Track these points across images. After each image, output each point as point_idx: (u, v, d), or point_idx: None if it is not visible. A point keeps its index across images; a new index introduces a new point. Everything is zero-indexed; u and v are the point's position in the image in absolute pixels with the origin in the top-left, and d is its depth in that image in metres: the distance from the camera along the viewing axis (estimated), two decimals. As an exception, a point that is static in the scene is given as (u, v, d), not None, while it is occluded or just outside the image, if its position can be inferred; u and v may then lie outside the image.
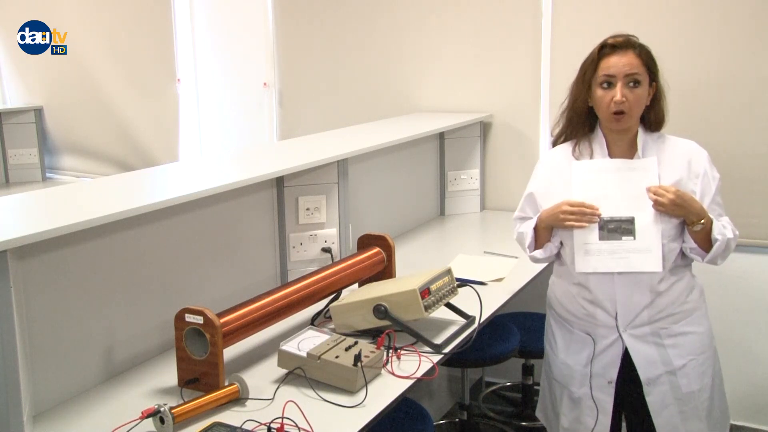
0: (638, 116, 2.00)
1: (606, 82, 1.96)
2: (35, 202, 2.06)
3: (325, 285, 2.21)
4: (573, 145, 2.10)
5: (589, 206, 1.96)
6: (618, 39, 1.98)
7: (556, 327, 2.19)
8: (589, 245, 1.97)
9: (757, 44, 2.97)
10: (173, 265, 2.11)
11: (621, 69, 1.94)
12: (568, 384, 2.13)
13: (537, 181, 2.16)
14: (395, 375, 1.87)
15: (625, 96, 1.94)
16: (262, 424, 1.61)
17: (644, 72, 1.95)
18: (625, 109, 1.94)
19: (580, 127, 2.08)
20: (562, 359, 2.15)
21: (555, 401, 2.21)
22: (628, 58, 1.95)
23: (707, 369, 2.06)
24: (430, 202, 3.57)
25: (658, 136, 2.05)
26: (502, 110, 3.59)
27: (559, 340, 2.17)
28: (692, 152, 2.02)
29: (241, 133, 4.48)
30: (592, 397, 2.07)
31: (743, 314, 3.13)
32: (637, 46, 1.97)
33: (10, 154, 4.99)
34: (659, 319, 2.01)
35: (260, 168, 2.35)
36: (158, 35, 4.53)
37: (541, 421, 2.33)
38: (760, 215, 3.04)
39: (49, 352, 1.76)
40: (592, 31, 2.22)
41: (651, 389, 2.04)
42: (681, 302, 2.02)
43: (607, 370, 2.06)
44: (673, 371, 2.02)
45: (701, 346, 2.05)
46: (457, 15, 3.63)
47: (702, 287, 2.11)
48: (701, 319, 2.07)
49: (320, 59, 4.06)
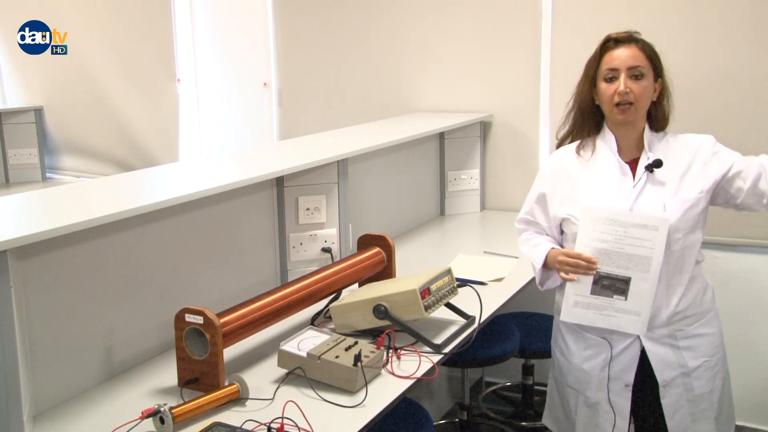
0: (644, 110, 1.98)
1: (610, 76, 1.96)
2: (35, 202, 2.06)
3: (325, 285, 2.21)
4: (578, 145, 2.09)
5: (586, 259, 1.93)
6: (621, 34, 1.99)
7: (567, 333, 2.13)
8: (579, 297, 1.96)
9: (758, 42, 2.97)
10: (173, 265, 2.11)
11: (624, 61, 1.94)
12: (584, 390, 2.09)
13: (544, 181, 2.14)
14: (395, 375, 1.86)
15: (629, 87, 1.93)
16: (262, 424, 1.61)
17: (648, 65, 1.95)
18: (631, 99, 1.94)
19: (585, 126, 2.07)
20: (576, 365, 2.10)
21: (568, 408, 2.17)
22: (632, 51, 1.95)
23: (718, 371, 2.05)
24: (430, 202, 3.57)
25: (663, 135, 2.04)
26: (502, 110, 3.59)
27: (571, 345, 2.12)
28: (698, 141, 2.01)
29: (241, 133, 4.48)
30: (610, 401, 2.05)
31: (744, 314, 3.13)
32: (640, 41, 1.98)
33: (10, 154, 4.99)
34: (676, 321, 2.00)
35: (260, 168, 2.35)
36: (158, 35, 4.53)
37: (551, 428, 2.29)
38: (760, 215, 3.03)
39: (49, 352, 1.76)
40: (592, 31, 2.21)
41: (666, 391, 2.02)
42: (698, 303, 2.01)
43: (624, 373, 2.03)
44: (688, 373, 2.01)
45: (714, 347, 2.04)
46: (457, 15, 3.63)
47: (713, 288, 2.09)
48: (714, 320, 2.06)
49: (320, 59, 4.06)
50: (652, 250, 1.88)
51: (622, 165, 2.01)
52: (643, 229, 1.89)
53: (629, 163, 2.02)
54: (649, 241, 1.88)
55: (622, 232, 1.90)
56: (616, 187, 2.00)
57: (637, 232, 1.90)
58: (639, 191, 1.98)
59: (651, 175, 1.97)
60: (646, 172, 1.97)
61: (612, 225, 1.91)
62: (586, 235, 1.94)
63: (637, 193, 1.97)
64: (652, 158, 1.98)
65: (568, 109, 2.11)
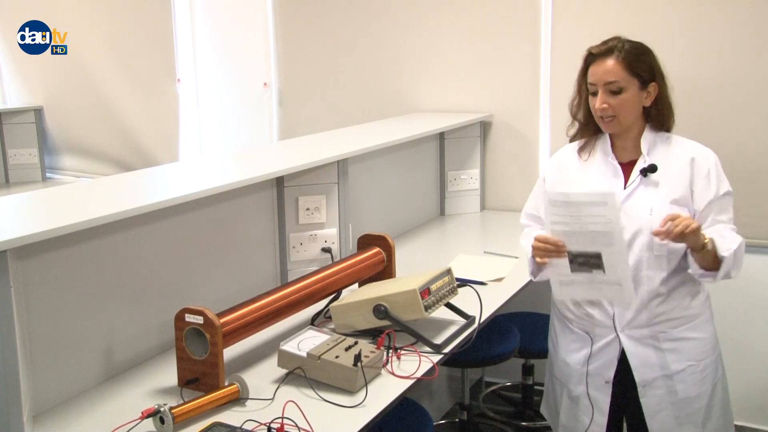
0: (629, 119, 1.99)
1: (593, 90, 1.99)
2: (35, 202, 2.06)
3: (325, 285, 2.21)
4: (580, 144, 2.12)
5: (553, 242, 1.92)
6: (600, 47, 1.99)
7: (558, 325, 2.20)
8: (562, 277, 1.97)
9: (756, 44, 2.97)
10: (173, 265, 2.11)
11: (600, 77, 1.96)
12: (567, 382, 2.15)
13: (546, 177, 2.19)
14: (395, 375, 1.87)
15: (607, 102, 1.95)
16: (262, 424, 1.61)
17: (626, 77, 1.94)
18: (611, 113, 1.96)
19: (587, 128, 2.10)
20: (561, 357, 2.17)
21: (556, 399, 2.23)
22: (606, 67, 1.95)
23: (707, 376, 2.05)
24: (430, 202, 3.57)
25: (667, 137, 2.04)
26: (502, 110, 3.59)
27: (560, 338, 2.19)
28: (698, 152, 2.01)
29: (241, 133, 4.48)
30: (589, 395, 2.08)
31: (743, 314, 3.13)
32: (619, 52, 1.95)
33: (10, 154, 4.99)
34: (658, 323, 2.01)
35: (260, 168, 2.35)
36: (158, 35, 4.53)
37: (545, 417, 2.35)
38: (760, 215, 3.04)
39: (49, 352, 1.76)
40: (592, 31, 2.22)
41: (646, 391, 2.04)
42: (683, 307, 2.01)
43: (604, 369, 2.07)
44: (670, 375, 2.02)
45: (702, 352, 2.04)
46: (457, 15, 3.63)
47: (708, 293, 2.09)
48: (704, 324, 2.06)
49: (320, 59, 4.06)
50: (608, 224, 1.87)
51: (615, 167, 2.04)
52: (593, 206, 1.88)
53: (628, 164, 2.04)
54: (603, 217, 1.87)
55: (576, 211, 1.90)
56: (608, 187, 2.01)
57: (590, 210, 1.89)
58: (629, 193, 2.00)
59: (645, 179, 1.99)
60: (639, 176, 2.00)
61: (568, 207, 1.91)
62: (549, 219, 1.96)
63: (627, 194, 1.99)
64: (648, 162, 1.99)
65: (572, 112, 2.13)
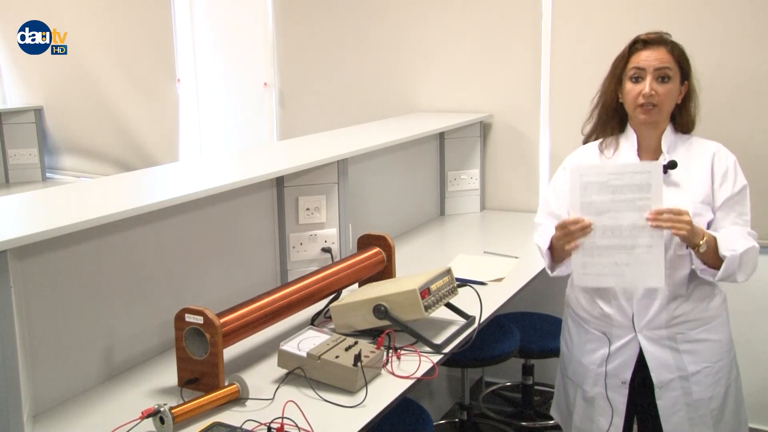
0: (668, 112, 1.99)
1: (636, 75, 1.96)
2: (35, 202, 2.06)
3: (325, 285, 2.21)
4: (601, 143, 2.10)
5: (573, 222, 1.87)
6: (651, 35, 1.99)
7: (573, 326, 2.18)
8: (586, 259, 1.90)
9: (759, 41, 2.97)
10: (173, 265, 2.11)
11: (651, 63, 1.94)
12: (582, 383, 2.13)
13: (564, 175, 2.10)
14: (395, 375, 1.86)
15: (655, 89, 1.93)
16: (262, 424, 1.61)
17: (675, 68, 1.95)
18: (655, 101, 1.94)
19: (609, 123, 2.08)
20: (577, 358, 2.15)
21: (569, 400, 2.21)
22: (660, 53, 1.95)
23: (721, 378, 2.05)
24: (430, 202, 3.57)
25: (686, 138, 2.04)
26: (502, 110, 3.59)
27: (575, 338, 2.16)
28: (717, 151, 2.01)
29: (241, 133, 4.48)
30: (607, 397, 2.07)
31: (745, 315, 3.12)
32: (669, 43, 1.97)
33: (10, 154, 4.98)
34: (677, 324, 2.00)
35: (260, 168, 2.35)
36: (158, 35, 4.53)
37: (556, 419, 2.33)
38: (761, 215, 3.03)
39: (49, 352, 1.76)
40: (593, 32, 2.22)
41: (662, 393, 2.03)
42: (702, 309, 2.01)
43: (621, 370, 2.05)
44: (686, 377, 2.01)
45: (717, 354, 2.04)
46: (456, 15, 3.63)
47: (725, 295, 2.08)
48: (721, 327, 2.05)
49: (320, 59, 4.06)
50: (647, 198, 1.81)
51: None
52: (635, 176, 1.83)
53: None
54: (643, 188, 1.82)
55: (617, 180, 1.84)
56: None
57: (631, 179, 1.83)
58: None
59: (666, 177, 1.96)
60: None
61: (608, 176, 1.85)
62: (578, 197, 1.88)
63: None
64: (668, 159, 1.98)
65: (593, 105, 2.12)
